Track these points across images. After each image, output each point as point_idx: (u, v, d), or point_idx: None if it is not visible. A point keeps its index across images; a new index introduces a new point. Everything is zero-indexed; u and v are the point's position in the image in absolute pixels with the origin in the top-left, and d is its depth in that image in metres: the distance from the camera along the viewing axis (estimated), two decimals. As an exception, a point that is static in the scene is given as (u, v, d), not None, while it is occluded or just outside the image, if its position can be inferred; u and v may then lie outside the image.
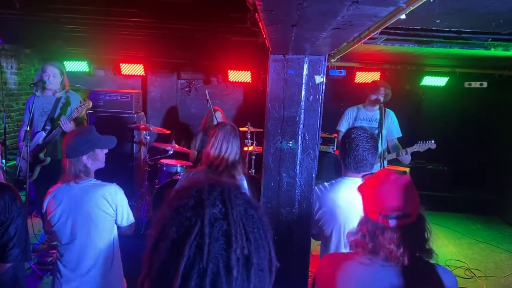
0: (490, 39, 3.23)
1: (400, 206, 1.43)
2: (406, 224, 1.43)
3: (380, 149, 4.13)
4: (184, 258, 0.72)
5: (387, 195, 1.46)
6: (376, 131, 4.27)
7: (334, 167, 5.87)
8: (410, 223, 1.44)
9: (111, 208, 2.42)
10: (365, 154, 2.22)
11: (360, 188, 1.62)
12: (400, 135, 4.54)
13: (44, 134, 4.17)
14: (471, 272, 4.46)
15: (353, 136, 2.26)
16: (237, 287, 0.72)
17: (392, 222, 1.43)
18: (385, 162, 4.34)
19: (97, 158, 2.46)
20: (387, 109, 4.43)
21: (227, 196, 0.79)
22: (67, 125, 4.00)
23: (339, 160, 2.44)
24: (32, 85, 4.16)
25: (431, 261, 1.49)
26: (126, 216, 2.51)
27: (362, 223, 1.55)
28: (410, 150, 4.27)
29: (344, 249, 2.21)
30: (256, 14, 2.03)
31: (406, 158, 4.22)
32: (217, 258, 0.72)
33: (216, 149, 2.54)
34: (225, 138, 2.55)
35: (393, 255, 1.42)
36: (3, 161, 4.85)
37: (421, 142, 4.28)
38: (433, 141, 4.26)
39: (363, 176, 1.77)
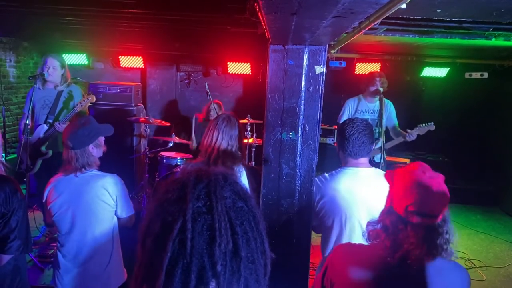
0: (491, 29, 3.21)
1: (429, 205, 1.39)
2: (429, 224, 1.40)
3: (381, 141, 4.16)
4: (167, 254, 0.71)
5: (419, 192, 1.40)
6: (378, 121, 4.30)
7: (335, 159, 5.87)
8: (434, 223, 1.40)
9: (111, 199, 2.42)
10: (361, 136, 2.24)
11: (389, 177, 1.56)
12: (397, 125, 4.58)
13: (46, 127, 4.16)
14: (471, 262, 4.47)
15: (348, 121, 2.33)
16: (226, 281, 0.71)
17: (417, 220, 1.39)
18: (385, 154, 4.36)
19: (100, 145, 2.50)
20: (385, 99, 4.44)
21: (212, 188, 0.77)
22: (62, 128, 3.97)
23: (337, 152, 2.44)
24: (30, 78, 4.15)
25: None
26: (126, 208, 2.51)
27: (385, 213, 1.50)
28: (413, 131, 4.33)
29: (345, 240, 2.21)
30: (255, 4, 2.01)
31: (413, 135, 4.31)
32: (201, 253, 0.70)
33: (208, 138, 2.56)
34: (216, 127, 2.56)
35: (412, 253, 1.39)
36: (3, 154, 4.85)
37: (421, 125, 4.31)
38: (432, 123, 4.30)
39: (393, 166, 1.73)
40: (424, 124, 4.31)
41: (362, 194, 2.19)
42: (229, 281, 0.72)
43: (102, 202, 2.40)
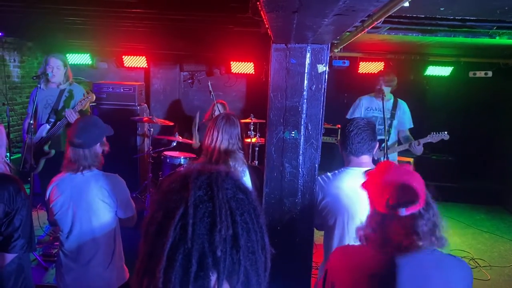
0: (495, 27, 3.19)
1: (406, 192, 1.41)
2: (415, 212, 1.41)
3: (391, 141, 4.13)
4: (169, 239, 0.72)
5: (392, 183, 1.43)
6: (389, 122, 4.28)
7: (338, 158, 5.85)
8: (419, 210, 1.41)
9: (112, 199, 2.43)
10: (360, 132, 2.26)
11: (364, 184, 1.59)
12: (412, 126, 4.53)
13: (48, 126, 4.17)
14: (476, 262, 4.45)
15: (348, 120, 2.37)
16: (226, 268, 0.73)
17: (401, 211, 1.40)
18: (394, 155, 4.34)
19: (104, 144, 2.53)
20: (399, 100, 4.43)
21: (214, 180, 0.79)
22: (73, 116, 3.94)
23: (340, 152, 2.44)
24: (34, 78, 4.17)
25: (444, 252, 1.46)
26: (127, 208, 2.51)
27: (370, 216, 1.52)
28: (423, 141, 4.26)
29: (348, 239, 2.21)
30: (257, 2, 2.01)
31: (419, 149, 4.23)
32: (202, 238, 0.72)
33: (208, 138, 2.56)
34: (215, 126, 2.57)
35: (404, 245, 1.40)
36: (7, 154, 4.87)
37: (434, 133, 4.27)
38: (446, 133, 4.26)
39: (364, 172, 1.77)
40: (437, 133, 4.25)
41: (365, 193, 2.18)
42: (230, 271, 0.73)
43: (103, 202, 2.41)
